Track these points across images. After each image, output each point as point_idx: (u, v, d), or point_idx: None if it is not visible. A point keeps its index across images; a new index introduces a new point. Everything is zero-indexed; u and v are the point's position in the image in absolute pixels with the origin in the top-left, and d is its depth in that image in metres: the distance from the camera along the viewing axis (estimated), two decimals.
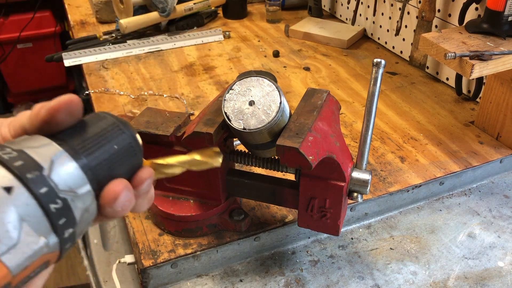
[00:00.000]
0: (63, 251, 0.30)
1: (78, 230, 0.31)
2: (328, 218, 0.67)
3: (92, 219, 0.33)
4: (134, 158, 0.36)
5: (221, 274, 0.74)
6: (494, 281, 0.72)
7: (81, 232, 0.32)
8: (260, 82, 0.61)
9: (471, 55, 0.82)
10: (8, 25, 2.43)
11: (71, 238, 0.30)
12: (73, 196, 0.29)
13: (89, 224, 0.33)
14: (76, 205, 0.30)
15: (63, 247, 0.29)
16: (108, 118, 0.35)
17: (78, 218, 0.30)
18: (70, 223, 0.29)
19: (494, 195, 0.89)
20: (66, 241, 0.29)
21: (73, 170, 0.30)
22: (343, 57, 1.37)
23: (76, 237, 0.31)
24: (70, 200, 0.29)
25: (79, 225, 0.30)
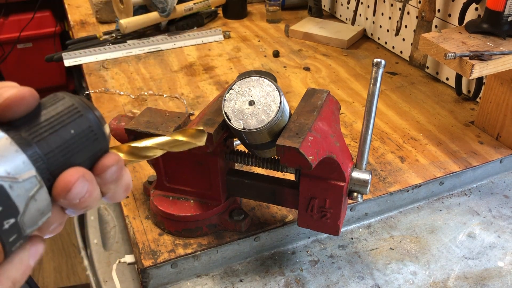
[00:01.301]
0: (7, 245, 0.27)
1: (26, 221, 0.28)
2: (328, 218, 0.67)
3: (45, 211, 0.30)
4: (95, 144, 0.33)
5: (221, 274, 0.74)
6: (494, 281, 0.72)
7: (33, 224, 0.29)
8: (260, 82, 0.61)
9: (471, 55, 0.82)
10: (8, 25, 2.44)
11: (15, 230, 0.27)
12: (11, 182, 0.27)
13: (43, 216, 0.30)
14: (17, 193, 0.27)
15: (6, 240, 0.27)
16: (66, 100, 0.32)
17: (22, 208, 0.27)
18: (9, 212, 0.26)
19: (494, 195, 0.89)
20: (8, 233, 0.27)
21: (11, 153, 0.27)
22: (343, 57, 1.37)
23: (25, 230, 0.28)
24: (7, 187, 0.26)
25: (26, 216, 0.28)
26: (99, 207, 1.09)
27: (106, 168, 0.34)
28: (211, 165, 0.70)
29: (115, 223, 1.03)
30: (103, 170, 0.34)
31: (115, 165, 0.34)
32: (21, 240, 0.28)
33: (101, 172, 0.33)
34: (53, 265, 2.19)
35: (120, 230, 1.01)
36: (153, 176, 0.82)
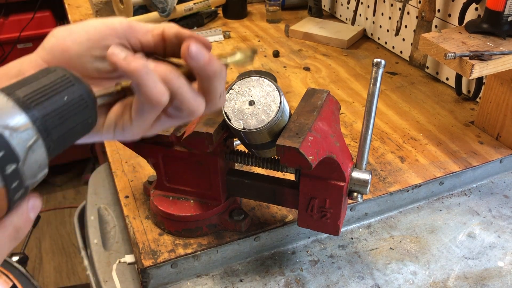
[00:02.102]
0: (11, 191, 0.29)
1: (26, 171, 0.30)
2: (328, 218, 0.67)
3: (43, 165, 0.32)
4: (86, 111, 0.36)
5: (221, 274, 0.74)
6: (494, 281, 0.72)
7: (32, 176, 0.31)
8: (260, 82, 0.61)
9: (471, 55, 0.82)
10: (8, 25, 2.43)
11: (16, 177, 0.29)
12: (11, 131, 0.29)
13: (41, 170, 0.32)
14: (16, 141, 0.29)
15: (9, 185, 0.29)
16: (58, 71, 0.35)
17: (21, 156, 0.30)
18: (10, 158, 0.29)
19: (494, 195, 0.89)
20: (11, 178, 0.29)
21: (8, 107, 0.30)
22: (343, 57, 1.37)
23: (26, 180, 0.30)
24: (7, 135, 0.29)
25: (25, 166, 0.30)
26: (99, 207, 1.09)
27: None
28: (211, 165, 0.70)
29: (115, 223, 1.03)
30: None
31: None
32: (22, 189, 0.31)
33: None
34: (53, 265, 2.19)
35: (120, 230, 1.01)
36: (153, 176, 0.82)
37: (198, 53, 0.39)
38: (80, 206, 1.37)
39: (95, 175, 1.21)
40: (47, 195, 2.58)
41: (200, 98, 0.42)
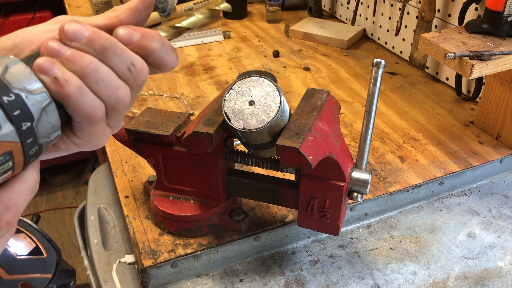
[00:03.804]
0: (26, 146, 0.32)
1: (40, 130, 0.33)
2: (328, 218, 0.67)
3: (55, 126, 0.35)
4: None
5: (221, 274, 0.74)
6: (494, 281, 0.72)
7: (46, 135, 0.34)
8: (260, 82, 0.61)
9: (471, 55, 0.82)
10: (8, 25, 2.43)
11: (31, 134, 0.33)
12: (27, 93, 0.32)
13: (54, 131, 0.35)
14: (31, 102, 0.32)
15: (24, 140, 0.32)
16: None
17: (36, 115, 0.33)
18: (26, 116, 0.32)
19: (494, 195, 0.89)
20: (26, 134, 0.32)
21: (26, 73, 0.33)
22: (343, 57, 1.37)
23: (39, 138, 0.34)
24: (23, 96, 0.32)
25: (39, 125, 0.33)
26: (99, 207, 1.09)
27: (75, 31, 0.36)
28: (211, 165, 0.70)
29: (115, 223, 1.03)
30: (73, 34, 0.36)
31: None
32: (36, 146, 0.34)
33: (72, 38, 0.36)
34: None
35: (120, 230, 1.01)
36: (153, 176, 0.82)
37: (77, 30, 0.35)
38: (80, 206, 1.37)
39: (95, 175, 1.21)
40: (47, 195, 2.58)
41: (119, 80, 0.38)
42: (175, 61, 0.41)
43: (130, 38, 0.38)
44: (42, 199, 2.56)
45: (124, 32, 0.38)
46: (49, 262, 0.63)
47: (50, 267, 0.62)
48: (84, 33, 0.35)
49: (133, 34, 0.38)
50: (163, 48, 0.40)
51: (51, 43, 0.35)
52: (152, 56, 0.39)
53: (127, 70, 0.38)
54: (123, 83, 0.38)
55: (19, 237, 0.61)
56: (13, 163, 0.32)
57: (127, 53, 0.38)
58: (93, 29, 0.36)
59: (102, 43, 0.36)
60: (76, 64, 0.35)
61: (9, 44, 0.37)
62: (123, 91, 0.38)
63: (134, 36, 0.38)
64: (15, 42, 0.37)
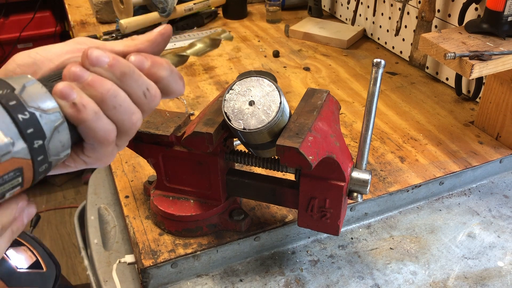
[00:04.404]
0: (36, 163, 0.34)
1: (51, 148, 0.34)
2: (328, 218, 0.67)
3: (66, 145, 0.36)
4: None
5: (221, 274, 0.74)
6: (494, 281, 0.72)
7: (56, 154, 0.35)
8: (260, 82, 0.61)
9: (471, 55, 0.82)
10: (8, 25, 2.44)
11: (42, 151, 0.34)
12: (41, 112, 0.34)
13: (64, 150, 0.36)
14: (44, 121, 0.34)
15: (35, 158, 0.33)
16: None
17: (48, 134, 0.34)
18: (38, 134, 0.33)
19: (494, 195, 0.89)
20: (37, 152, 0.33)
21: (42, 93, 0.34)
22: (343, 57, 1.37)
23: (50, 155, 0.35)
24: (38, 115, 0.33)
25: (51, 143, 0.34)
26: (99, 207, 1.09)
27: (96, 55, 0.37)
28: (211, 165, 0.70)
29: (115, 223, 1.03)
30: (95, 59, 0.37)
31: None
32: (46, 164, 0.35)
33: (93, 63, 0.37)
34: None
35: (120, 230, 1.01)
36: (153, 176, 0.82)
37: (99, 56, 0.37)
38: (80, 206, 1.37)
39: (95, 175, 1.21)
40: (47, 195, 2.58)
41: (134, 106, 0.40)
42: (182, 88, 0.43)
43: (141, 65, 0.39)
44: (42, 199, 2.56)
45: (136, 59, 0.39)
46: (48, 277, 0.64)
47: (49, 282, 0.63)
48: (105, 59, 0.37)
49: (144, 61, 0.39)
50: (171, 76, 0.41)
51: (74, 68, 0.36)
52: (160, 83, 0.41)
53: (143, 95, 0.39)
54: (137, 109, 0.39)
55: (20, 250, 0.62)
56: (23, 179, 0.33)
57: (143, 79, 0.39)
58: (113, 55, 0.38)
59: (122, 69, 0.38)
60: (96, 89, 0.36)
61: (29, 61, 0.39)
62: (136, 116, 0.39)
63: (145, 64, 0.39)
64: (34, 59, 0.39)
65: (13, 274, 0.58)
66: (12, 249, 0.61)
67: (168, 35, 0.43)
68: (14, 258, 0.60)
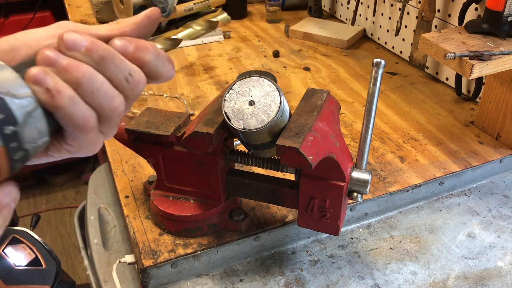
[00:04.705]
0: (10, 150, 0.32)
1: (26, 134, 0.33)
2: (328, 218, 0.67)
3: (43, 131, 0.34)
4: None
5: (221, 274, 0.74)
6: (494, 281, 0.72)
7: (32, 140, 0.34)
8: (260, 82, 0.61)
9: (471, 55, 0.82)
10: (9, 25, 2.43)
11: (15, 138, 0.32)
12: (12, 97, 0.32)
13: (41, 137, 0.34)
14: (16, 106, 0.32)
15: (7, 144, 0.32)
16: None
17: (20, 119, 0.33)
18: (9, 120, 0.32)
19: (494, 195, 0.89)
20: (9, 138, 0.32)
21: (12, 78, 0.33)
22: (343, 57, 1.37)
23: (25, 143, 0.33)
24: (8, 100, 0.32)
25: (25, 129, 0.33)
26: (99, 207, 1.09)
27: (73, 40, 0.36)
28: (211, 165, 0.70)
29: (115, 223, 1.03)
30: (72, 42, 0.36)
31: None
32: (21, 151, 0.33)
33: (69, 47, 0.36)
34: None
35: (120, 230, 1.01)
36: (153, 176, 0.82)
37: (76, 40, 0.35)
38: (80, 206, 1.38)
39: (95, 175, 1.21)
40: (47, 195, 2.58)
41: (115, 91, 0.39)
42: (171, 72, 0.42)
43: (124, 50, 0.38)
44: (42, 199, 2.56)
45: (119, 43, 0.38)
46: (48, 273, 0.64)
47: (49, 278, 0.63)
48: (82, 42, 0.36)
49: (128, 45, 0.38)
50: (158, 59, 0.40)
51: (48, 52, 0.35)
52: (147, 67, 0.39)
53: (124, 80, 0.38)
54: (117, 93, 0.38)
55: (19, 248, 0.62)
56: None
57: (125, 64, 0.38)
58: (91, 39, 0.36)
59: (100, 53, 0.36)
60: (71, 73, 0.35)
61: (7, 46, 0.37)
62: (117, 100, 0.38)
63: (128, 48, 0.38)
64: (12, 45, 0.37)
65: (12, 272, 0.58)
66: (10, 247, 0.61)
67: (155, 18, 0.41)
68: (12, 255, 0.60)
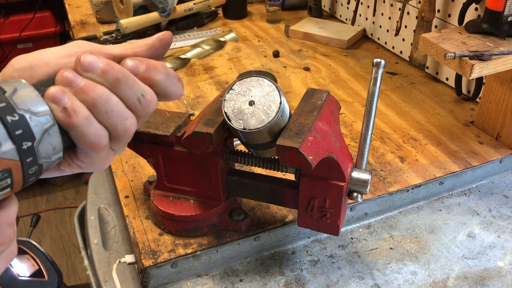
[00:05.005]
0: (25, 165, 0.34)
1: (41, 150, 0.34)
2: (328, 218, 0.67)
3: (57, 148, 0.36)
4: None
5: (221, 274, 0.74)
6: (494, 281, 0.72)
7: (47, 156, 0.35)
8: (260, 82, 0.61)
9: (471, 55, 0.82)
10: (8, 25, 2.43)
11: (31, 153, 0.34)
12: (31, 115, 0.34)
13: (55, 153, 0.36)
14: (34, 123, 0.34)
15: (24, 159, 0.33)
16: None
17: (38, 136, 0.34)
18: (27, 136, 0.33)
19: (494, 195, 0.89)
20: (26, 153, 0.33)
21: (33, 96, 0.35)
22: (343, 57, 1.37)
23: (40, 158, 0.35)
24: (27, 117, 0.34)
25: (40, 145, 0.34)
26: (99, 207, 1.09)
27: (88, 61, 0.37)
28: (211, 165, 0.70)
29: (115, 223, 1.03)
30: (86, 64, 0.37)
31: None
32: (36, 166, 0.35)
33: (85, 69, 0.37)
34: None
35: (120, 230, 1.01)
36: (153, 176, 0.82)
37: (92, 62, 0.37)
38: (80, 206, 1.37)
39: (95, 175, 1.21)
40: (47, 195, 2.58)
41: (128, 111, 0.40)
42: (181, 90, 0.43)
43: (136, 70, 0.39)
44: (42, 199, 2.56)
45: (131, 63, 0.39)
46: (49, 286, 0.64)
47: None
48: (98, 64, 0.37)
49: (139, 65, 0.39)
50: (168, 79, 0.41)
51: (67, 73, 0.36)
52: (157, 87, 0.41)
53: (137, 101, 0.39)
54: (131, 114, 0.39)
55: (23, 259, 0.63)
56: (12, 180, 0.33)
57: (138, 85, 0.39)
58: (107, 61, 0.37)
59: (115, 75, 0.37)
60: (88, 94, 0.36)
61: (25, 65, 0.39)
62: (130, 121, 0.39)
63: (139, 68, 0.39)
64: (31, 63, 0.39)
65: (14, 282, 0.59)
66: (15, 257, 0.62)
67: (167, 41, 0.43)
68: (16, 266, 0.61)
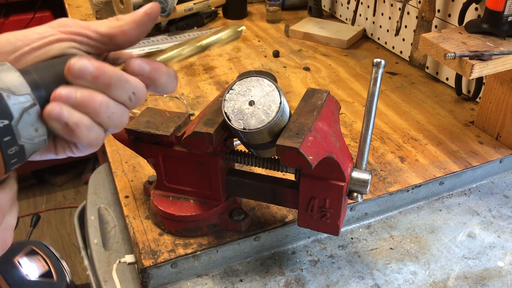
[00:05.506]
0: (3, 144, 0.33)
1: (21, 130, 0.34)
2: (328, 218, 0.67)
3: (39, 128, 0.35)
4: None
5: (221, 274, 0.74)
6: (494, 281, 0.72)
7: (28, 138, 0.34)
8: (260, 82, 0.61)
9: (471, 55, 0.82)
10: (9, 25, 2.43)
11: (9, 132, 0.33)
12: (9, 93, 0.33)
13: (38, 134, 0.35)
14: (12, 102, 0.33)
15: (2, 139, 0.33)
16: (64, 57, 0.39)
17: (16, 115, 0.33)
18: (3, 114, 0.33)
19: (494, 195, 0.89)
20: (2, 131, 0.33)
21: (14, 77, 0.34)
22: (343, 57, 1.37)
23: (20, 138, 0.34)
24: (5, 95, 0.33)
25: (20, 125, 0.34)
26: (99, 207, 1.09)
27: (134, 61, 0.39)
28: (211, 165, 0.70)
29: (115, 223, 1.03)
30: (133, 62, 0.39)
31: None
32: (16, 146, 0.34)
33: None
34: None
35: (120, 230, 1.01)
36: (153, 176, 0.82)
37: (82, 68, 0.36)
38: (80, 206, 1.37)
39: (95, 175, 1.21)
40: (47, 195, 2.58)
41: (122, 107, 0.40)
42: (175, 87, 0.44)
43: (141, 71, 0.40)
44: (42, 199, 2.56)
45: (135, 65, 0.40)
46: (58, 287, 0.65)
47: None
48: (89, 70, 0.37)
49: (144, 68, 0.40)
50: (169, 79, 0.42)
51: (60, 90, 0.36)
52: (156, 85, 0.41)
53: (128, 99, 0.40)
54: (125, 110, 0.40)
55: (34, 259, 0.63)
56: None
57: (129, 84, 0.39)
58: (97, 65, 0.37)
59: (107, 80, 0.37)
60: (88, 106, 0.37)
61: (9, 48, 0.39)
62: (126, 116, 0.40)
63: (145, 70, 0.40)
64: (15, 46, 0.38)
65: (23, 283, 0.60)
66: (26, 258, 0.62)
67: (154, 15, 0.42)
68: (26, 266, 0.61)
